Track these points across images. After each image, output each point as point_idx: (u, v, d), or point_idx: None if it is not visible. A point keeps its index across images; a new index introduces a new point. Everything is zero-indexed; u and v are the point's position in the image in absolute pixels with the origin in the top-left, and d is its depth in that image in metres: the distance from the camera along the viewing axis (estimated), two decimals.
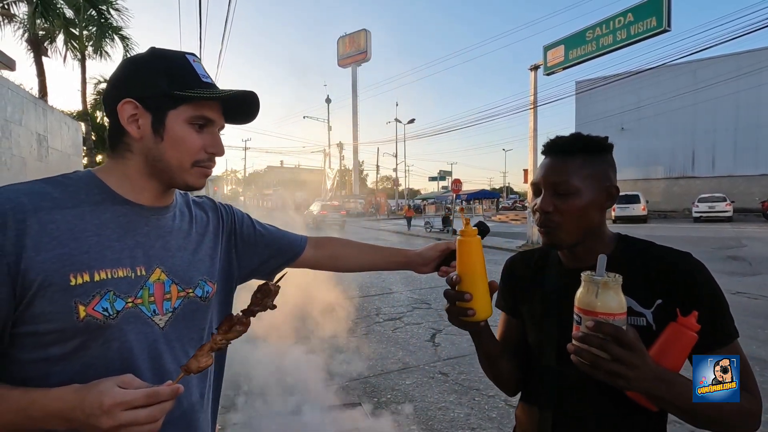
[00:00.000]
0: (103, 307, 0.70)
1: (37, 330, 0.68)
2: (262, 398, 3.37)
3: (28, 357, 0.69)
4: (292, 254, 1.11)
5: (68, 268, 0.68)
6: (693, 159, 28.91)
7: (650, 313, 0.82)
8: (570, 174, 0.85)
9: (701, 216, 21.81)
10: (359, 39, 40.72)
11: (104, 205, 0.76)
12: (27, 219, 0.67)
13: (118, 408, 0.60)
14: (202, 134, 0.79)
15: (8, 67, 7.24)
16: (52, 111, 9.26)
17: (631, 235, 0.93)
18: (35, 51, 12.93)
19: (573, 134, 0.90)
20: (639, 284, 0.83)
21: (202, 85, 0.78)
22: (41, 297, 0.66)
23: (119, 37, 14.73)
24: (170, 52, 0.80)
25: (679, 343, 0.75)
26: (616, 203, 6.45)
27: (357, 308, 6.33)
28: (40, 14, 11.62)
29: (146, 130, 0.76)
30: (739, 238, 14.54)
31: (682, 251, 0.86)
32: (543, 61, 13.45)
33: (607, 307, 0.67)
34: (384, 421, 3.11)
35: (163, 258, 0.80)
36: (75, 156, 10.83)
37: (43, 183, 0.74)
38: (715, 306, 0.80)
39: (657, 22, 10.45)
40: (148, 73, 0.76)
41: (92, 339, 0.70)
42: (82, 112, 15.36)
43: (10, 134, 6.91)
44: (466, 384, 3.79)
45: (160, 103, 0.75)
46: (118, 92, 0.76)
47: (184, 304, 0.81)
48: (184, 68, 0.78)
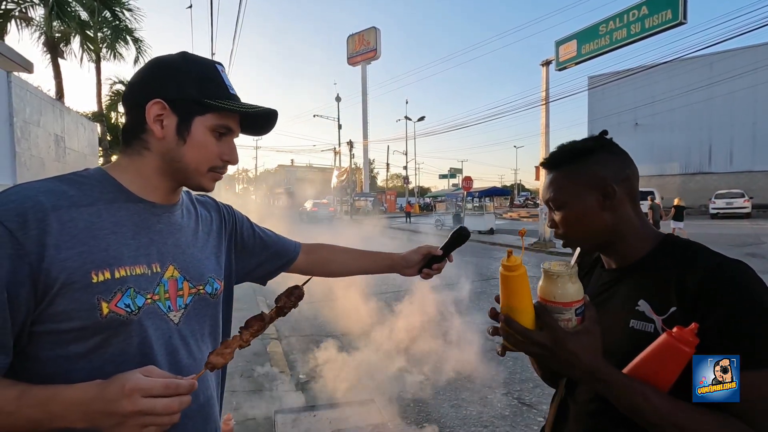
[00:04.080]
0: (125, 303, 0.71)
1: (57, 328, 0.68)
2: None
3: (48, 355, 0.69)
4: (288, 259, 1.15)
5: (89, 265, 0.69)
6: (710, 154, 28.29)
7: (661, 320, 0.75)
8: (555, 189, 0.88)
9: (718, 212, 21.39)
10: (369, 37, 40.64)
11: (118, 203, 0.76)
12: (47, 218, 0.67)
13: (138, 393, 0.60)
14: (220, 142, 0.81)
15: (26, 69, 7.39)
16: (69, 112, 9.45)
17: (682, 238, 0.85)
18: (52, 53, 13.19)
19: (557, 147, 0.91)
20: (659, 288, 0.77)
21: (230, 97, 0.80)
22: (63, 295, 0.67)
23: (132, 39, 14.95)
24: (201, 59, 0.82)
25: (665, 357, 0.67)
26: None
27: (367, 305, 6.34)
28: (56, 16, 11.85)
29: (170, 131, 0.78)
30: (758, 235, 14.22)
31: (731, 258, 0.75)
32: (555, 56, 13.28)
33: (565, 296, 0.74)
34: (397, 419, 3.12)
35: (175, 255, 0.81)
36: (91, 156, 11.04)
37: (57, 181, 0.74)
38: (746, 321, 0.67)
39: (672, 15, 10.23)
40: (180, 77, 0.78)
41: (114, 335, 0.71)
42: (98, 113, 15.64)
43: (29, 135, 7.07)
44: (477, 382, 3.78)
45: (189, 108, 0.77)
46: (147, 91, 0.77)
47: (195, 300, 0.83)
48: (214, 77, 0.80)
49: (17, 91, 6.59)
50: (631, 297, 0.81)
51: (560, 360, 0.74)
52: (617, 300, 0.83)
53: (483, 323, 5.53)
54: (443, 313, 6.08)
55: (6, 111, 6.38)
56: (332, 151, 40.89)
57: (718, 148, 27.95)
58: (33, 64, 7.50)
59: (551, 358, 0.75)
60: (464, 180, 19.99)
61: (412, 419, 3.15)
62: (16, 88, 6.57)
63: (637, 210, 0.87)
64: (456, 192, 25.13)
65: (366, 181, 40.50)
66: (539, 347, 0.75)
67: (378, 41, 40.36)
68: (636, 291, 0.81)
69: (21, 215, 0.65)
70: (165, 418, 0.62)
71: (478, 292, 7.33)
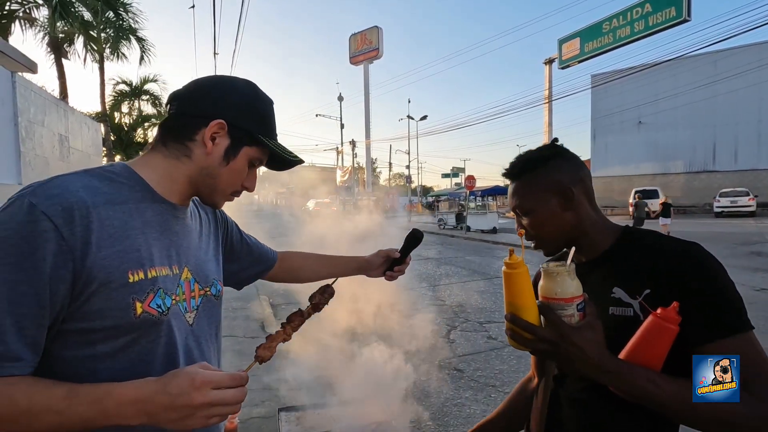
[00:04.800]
0: (157, 304, 0.72)
1: (89, 327, 0.67)
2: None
3: (73, 354, 0.68)
4: (266, 266, 1.19)
5: (126, 265, 0.69)
6: (714, 152, 28.08)
7: (637, 303, 0.82)
8: (520, 197, 0.96)
9: (723, 211, 21.25)
10: (371, 36, 40.61)
11: (145, 203, 0.77)
12: (90, 215, 0.66)
13: (208, 386, 0.61)
14: (249, 171, 0.85)
15: (30, 70, 7.43)
16: (72, 112, 9.49)
17: (642, 228, 0.94)
18: (56, 54, 13.26)
19: (516, 158, 0.99)
20: (630, 275, 0.84)
21: (275, 136, 0.87)
22: (100, 294, 0.66)
23: (135, 38, 15.01)
24: (264, 94, 0.87)
25: (655, 336, 0.73)
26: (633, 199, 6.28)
27: (369, 304, 6.34)
28: (59, 16, 11.89)
29: (219, 151, 0.80)
30: (762, 233, 14.13)
31: (688, 241, 0.83)
32: (558, 54, 13.24)
33: (565, 293, 0.76)
34: (400, 417, 3.12)
35: (188, 257, 0.83)
36: (95, 156, 11.08)
37: (89, 176, 0.73)
38: (710, 296, 0.76)
39: (676, 12, 10.19)
40: (247, 108, 0.82)
41: (144, 335, 0.71)
42: (101, 112, 15.69)
43: (34, 135, 7.10)
44: (482, 380, 3.78)
45: (243, 137, 0.81)
46: (217, 108, 0.79)
47: (203, 301, 0.85)
48: (270, 116, 0.86)
49: (22, 91, 6.62)
50: (605, 286, 0.87)
51: (567, 355, 0.75)
52: (591, 290, 0.85)
53: (484, 321, 5.53)
54: (445, 310, 6.08)
55: (11, 111, 6.41)
56: (335, 151, 40.94)
57: (722, 146, 27.74)
58: (37, 65, 7.54)
59: (557, 353, 0.76)
60: (467, 179, 19.94)
61: (415, 418, 3.15)
62: (21, 88, 6.60)
63: (594, 207, 0.95)
64: (459, 191, 25.10)
65: (368, 180, 40.51)
66: (546, 343, 0.76)
67: (380, 40, 40.32)
68: (609, 280, 0.87)
69: (67, 211, 0.64)
70: (230, 408, 0.64)
71: (480, 290, 7.31)
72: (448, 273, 9.23)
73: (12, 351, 0.61)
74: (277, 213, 19.54)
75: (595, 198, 0.96)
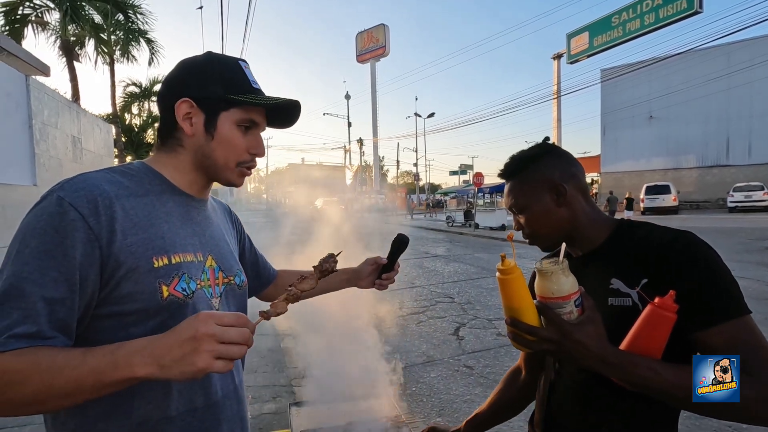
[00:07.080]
0: (182, 287, 0.76)
1: (121, 310, 0.71)
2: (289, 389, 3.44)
3: (109, 338, 0.70)
4: (265, 281, 1.20)
5: (151, 251, 0.73)
6: (727, 147, 27.54)
7: (635, 293, 0.83)
8: (515, 196, 0.98)
9: (737, 206, 20.87)
10: (378, 34, 40.57)
11: (166, 195, 0.82)
12: (113, 205, 0.71)
13: (212, 319, 0.62)
14: (247, 136, 0.85)
15: (43, 73, 7.55)
16: (85, 114, 9.64)
17: (636, 220, 0.95)
18: (67, 56, 13.43)
19: (509, 158, 1.01)
20: (627, 265, 0.86)
21: (252, 91, 0.84)
22: (128, 279, 0.71)
23: (145, 40, 15.15)
24: (225, 57, 0.86)
25: (654, 325, 0.74)
26: (645, 195, 6.21)
27: (380, 302, 6.37)
28: (70, 20, 12.07)
29: (199, 128, 0.82)
30: None
31: (681, 230, 0.84)
32: (566, 49, 13.11)
33: (562, 290, 0.76)
34: (410, 413, 3.14)
35: (211, 246, 0.87)
36: (107, 157, 11.25)
37: (111, 172, 0.78)
38: (705, 282, 0.77)
39: (688, 4, 10.05)
40: (205, 76, 0.82)
41: (171, 317, 0.74)
42: (112, 114, 15.89)
43: (47, 137, 7.23)
44: (491, 377, 3.78)
45: (214, 105, 0.81)
46: (175, 91, 0.82)
47: (227, 290, 0.88)
48: (237, 73, 0.84)
49: (35, 93, 6.75)
50: (603, 278, 0.89)
51: (570, 351, 0.76)
52: (589, 283, 0.86)
53: (493, 318, 5.52)
54: (454, 307, 6.08)
55: (25, 113, 6.54)
56: (342, 149, 41.00)
57: (736, 140, 27.20)
58: (50, 68, 7.67)
59: (560, 351, 0.77)
60: (475, 176, 19.81)
61: (425, 413, 3.17)
62: (35, 90, 6.73)
63: (589, 202, 0.96)
64: (467, 188, 24.99)
65: (376, 178, 40.52)
66: (548, 342, 0.77)
67: (387, 38, 40.26)
68: (606, 272, 0.89)
69: (91, 202, 0.69)
70: (235, 348, 0.62)
71: (490, 287, 7.30)
72: (457, 270, 9.22)
73: (44, 332, 0.64)
74: (285, 213, 19.64)
75: (589, 194, 0.98)
